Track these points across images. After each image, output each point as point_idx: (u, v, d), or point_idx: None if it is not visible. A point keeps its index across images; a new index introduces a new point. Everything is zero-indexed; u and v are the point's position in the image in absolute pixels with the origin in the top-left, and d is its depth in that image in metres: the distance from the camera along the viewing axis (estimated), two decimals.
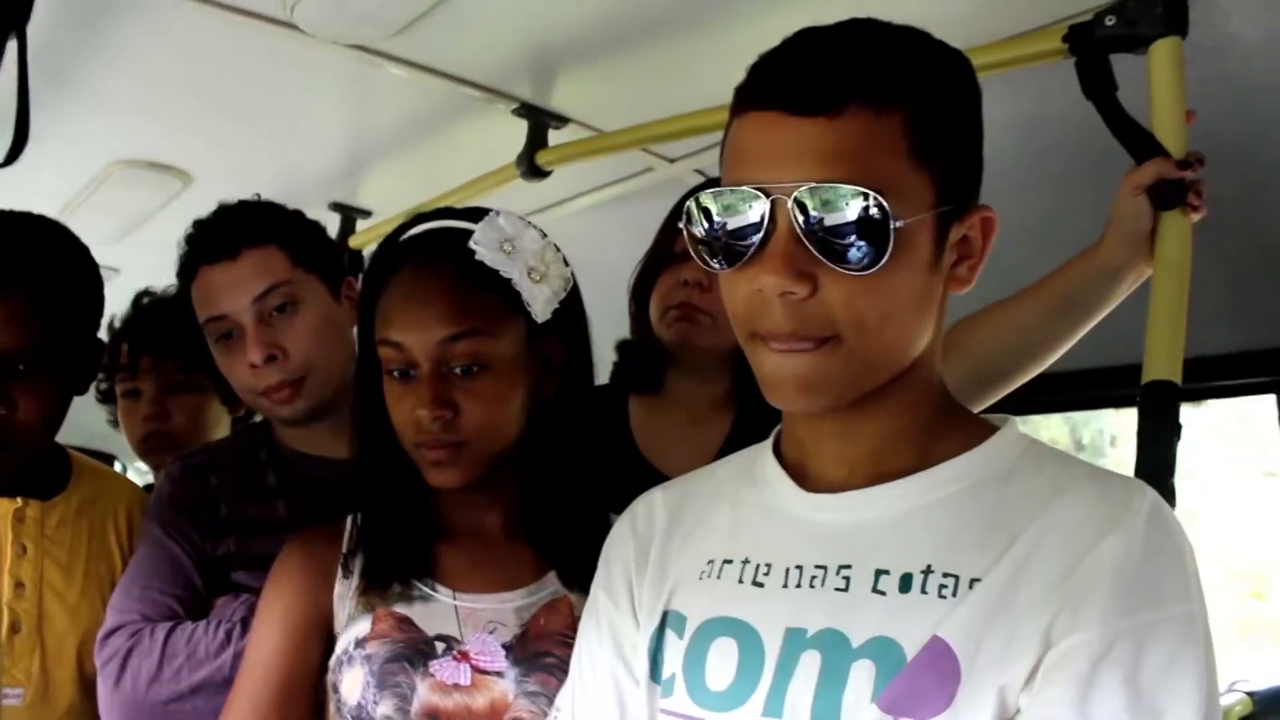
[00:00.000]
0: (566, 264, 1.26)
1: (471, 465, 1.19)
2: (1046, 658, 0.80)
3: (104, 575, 1.53)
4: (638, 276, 1.68)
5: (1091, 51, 1.31)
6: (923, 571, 0.87)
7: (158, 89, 1.81)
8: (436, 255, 1.21)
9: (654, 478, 1.52)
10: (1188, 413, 1.22)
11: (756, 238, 0.85)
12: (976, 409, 1.28)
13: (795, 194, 0.82)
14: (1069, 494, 0.87)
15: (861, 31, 0.89)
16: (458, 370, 1.17)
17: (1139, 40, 1.27)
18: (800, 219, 0.82)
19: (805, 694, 0.87)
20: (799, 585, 0.92)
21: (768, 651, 0.91)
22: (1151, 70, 1.27)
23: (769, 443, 1.05)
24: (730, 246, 0.87)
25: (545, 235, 1.25)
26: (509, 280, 1.19)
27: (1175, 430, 1.19)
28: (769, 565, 0.96)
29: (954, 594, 0.85)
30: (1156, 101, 1.26)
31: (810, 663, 0.88)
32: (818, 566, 0.92)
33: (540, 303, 1.21)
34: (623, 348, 1.68)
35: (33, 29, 1.37)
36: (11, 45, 1.34)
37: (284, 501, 1.54)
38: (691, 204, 0.89)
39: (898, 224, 0.82)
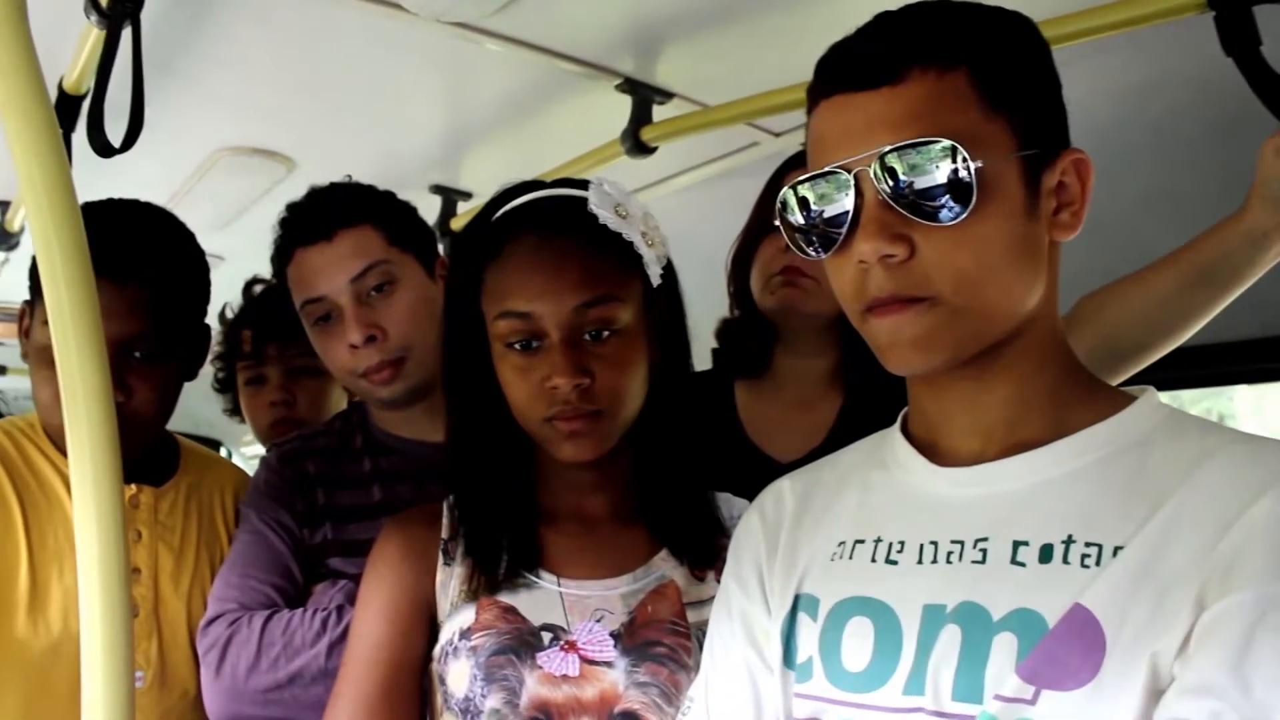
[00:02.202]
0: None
1: (608, 435, 1.17)
2: (1199, 623, 0.77)
3: (214, 559, 1.55)
4: (736, 252, 1.64)
5: (1233, 3, 1.22)
6: (1064, 541, 0.85)
7: (261, 76, 1.81)
8: (557, 222, 1.18)
9: (764, 464, 1.49)
10: None
11: (848, 216, 0.88)
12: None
13: (874, 162, 0.85)
14: (1217, 458, 0.84)
15: (917, 7, 0.92)
16: (588, 336, 1.15)
17: None
18: (884, 184, 0.86)
19: (947, 670, 0.86)
20: (934, 561, 0.91)
21: (905, 629, 0.90)
22: None
23: (896, 425, 1.04)
24: (826, 233, 0.90)
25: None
26: (629, 244, 1.18)
27: None
28: (902, 543, 0.94)
29: (1097, 563, 0.83)
30: None
31: (950, 638, 0.87)
32: (953, 541, 0.91)
33: (654, 265, 1.19)
34: (724, 328, 1.64)
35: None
36: (125, 34, 1.35)
37: (379, 487, 1.53)
38: (786, 194, 0.93)
39: (977, 164, 0.84)
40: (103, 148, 1.32)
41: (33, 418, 1.52)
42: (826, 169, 0.89)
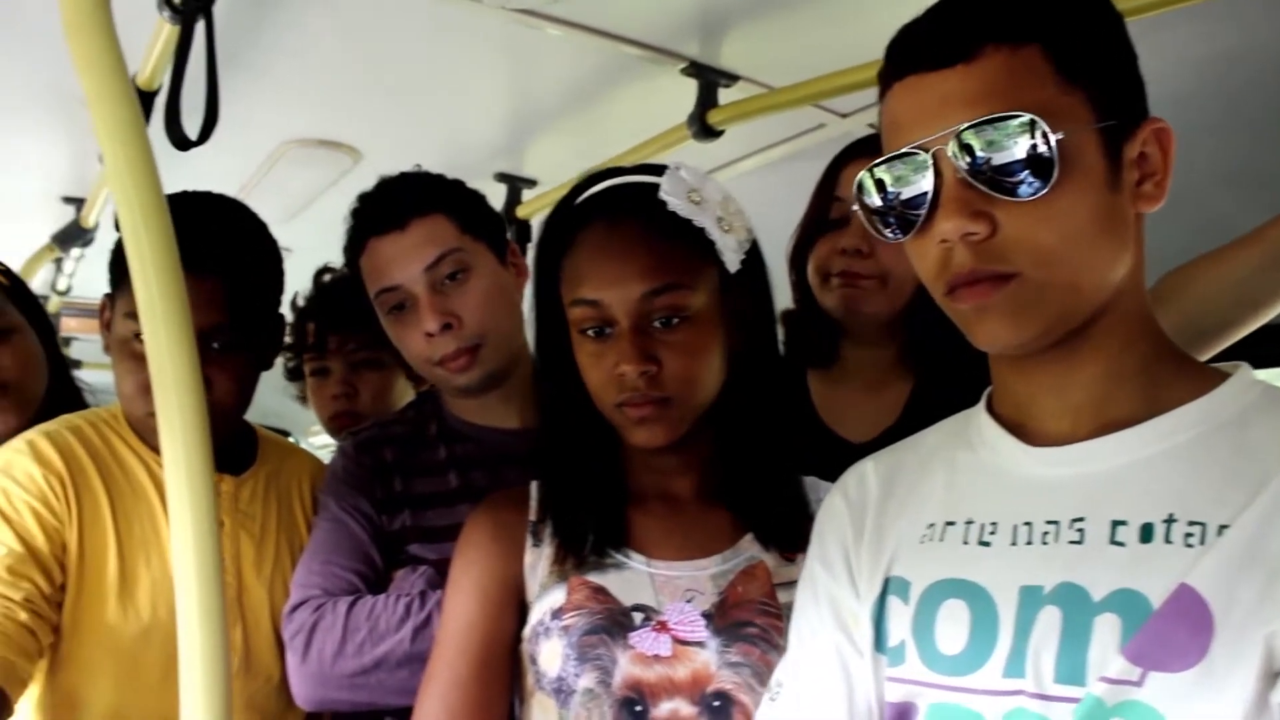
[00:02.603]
0: (744, 215, 1.23)
1: (677, 421, 1.17)
2: None
3: (294, 546, 1.56)
4: (796, 244, 1.62)
5: None
6: (1165, 520, 0.84)
7: (328, 67, 1.83)
8: (627, 210, 1.19)
9: (838, 446, 1.48)
10: None
11: (927, 197, 0.87)
12: None
13: (951, 140, 0.85)
14: None
15: None
16: (657, 324, 1.15)
17: None
18: (963, 162, 0.85)
19: (1048, 652, 0.84)
20: (1029, 542, 0.90)
21: (1002, 611, 0.89)
22: None
23: (981, 406, 1.02)
24: (905, 215, 0.90)
25: (722, 186, 1.23)
26: (701, 230, 1.17)
27: None
28: (994, 524, 0.93)
29: (1201, 542, 0.81)
30: None
31: (1049, 619, 0.85)
32: (1049, 522, 0.89)
33: (731, 251, 1.19)
34: (789, 320, 1.63)
35: None
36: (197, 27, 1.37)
37: (456, 474, 1.54)
38: (863, 177, 0.93)
39: (1057, 136, 0.82)
40: (179, 141, 1.34)
41: (115, 409, 1.54)
42: (903, 150, 0.89)
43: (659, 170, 1.22)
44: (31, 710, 1.39)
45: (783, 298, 1.65)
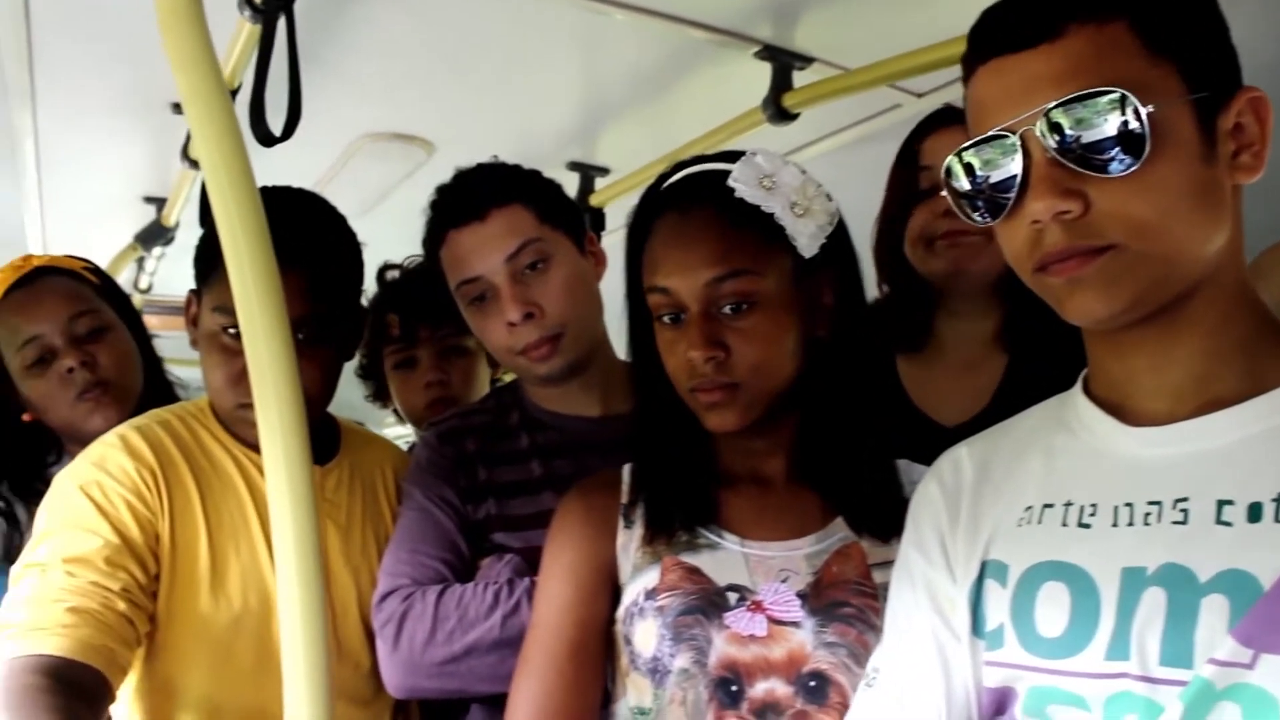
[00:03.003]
0: (830, 199, 1.22)
1: (747, 407, 1.18)
2: None
3: (379, 535, 1.58)
4: (883, 220, 1.60)
5: None
6: (1274, 500, 0.81)
7: (402, 61, 1.84)
8: (695, 198, 1.20)
9: (930, 429, 1.46)
10: None
11: (1016, 179, 0.86)
12: None
13: (1039, 120, 0.84)
14: None
15: None
16: (727, 310, 1.16)
17: None
18: (1051, 141, 0.84)
19: (1152, 634, 0.83)
20: (1130, 523, 0.88)
21: (1104, 593, 0.87)
22: None
23: (1077, 388, 1.00)
24: (994, 198, 0.89)
25: (805, 171, 1.22)
26: (771, 216, 1.17)
27: None
28: (1094, 506, 0.92)
29: None
30: None
31: (1154, 601, 0.84)
32: (1150, 503, 0.88)
33: (805, 237, 1.18)
34: (880, 306, 1.60)
35: None
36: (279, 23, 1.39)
37: (539, 462, 1.55)
38: (951, 162, 0.92)
39: (1148, 109, 0.82)
40: (264, 137, 1.36)
41: (202, 402, 1.57)
42: (990, 133, 0.88)
43: (739, 157, 1.22)
44: (130, 697, 1.42)
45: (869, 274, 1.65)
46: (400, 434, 3.24)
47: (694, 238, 1.17)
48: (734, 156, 1.22)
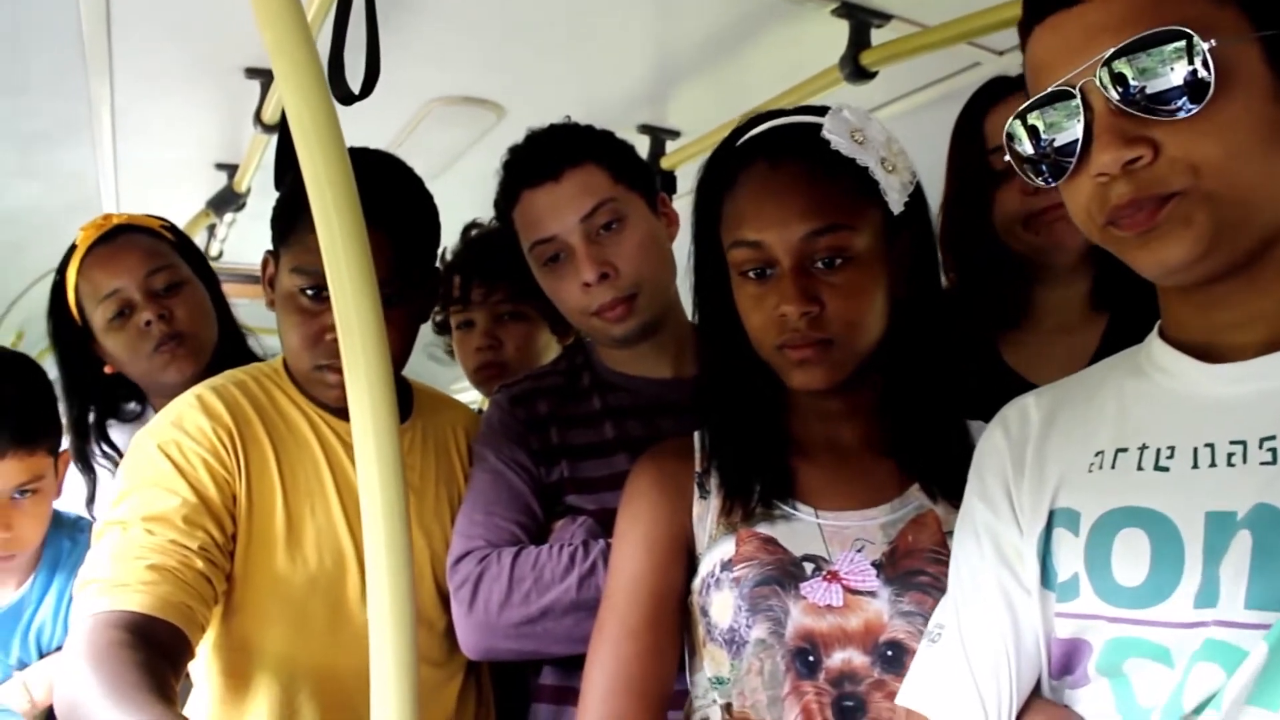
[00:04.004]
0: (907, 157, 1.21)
1: (838, 365, 1.16)
2: None
3: (452, 496, 1.58)
4: (955, 210, 1.56)
5: None
6: None
7: (472, 25, 1.84)
8: (789, 150, 1.17)
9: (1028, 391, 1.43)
10: None
11: (1079, 135, 0.84)
12: None
13: (1099, 70, 0.82)
14: None
15: None
16: (820, 264, 1.14)
17: None
18: (1114, 91, 0.82)
19: (1240, 579, 0.80)
20: (1213, 464, 0.85)
21: (1187, 538, 0.84)
22: None
23: (1151, 336, 0.97)
24: (1058, 160, 0.87)
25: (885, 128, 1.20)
26: (864, 170, 1.15)
27: None
28: (1171, 448, 0.89)
29: None
30: None
31: (1243, 545, 0.81)
32: (1234, 442, 0.85)
33: (895, 192, 1.16)
34: (969, 283, 1.57)
35: None
36: None
37: (611, 424, 1.54)
38: (1013, 125, 0.90)
39: (1209, 44, 0.79)
40: (344, 95, 1.36)
41: (276, 363, 1.58)
42: (1050, 90, 0.86)
43: (820, 112, 1.20)
44: (208, 654, 1.44)
45: None
46: (474, 399, 3.26)
47: (788, 190, 1.15)
48: (814, 111, 1.20)
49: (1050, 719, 0.95)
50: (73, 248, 1.94)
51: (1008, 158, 0.93)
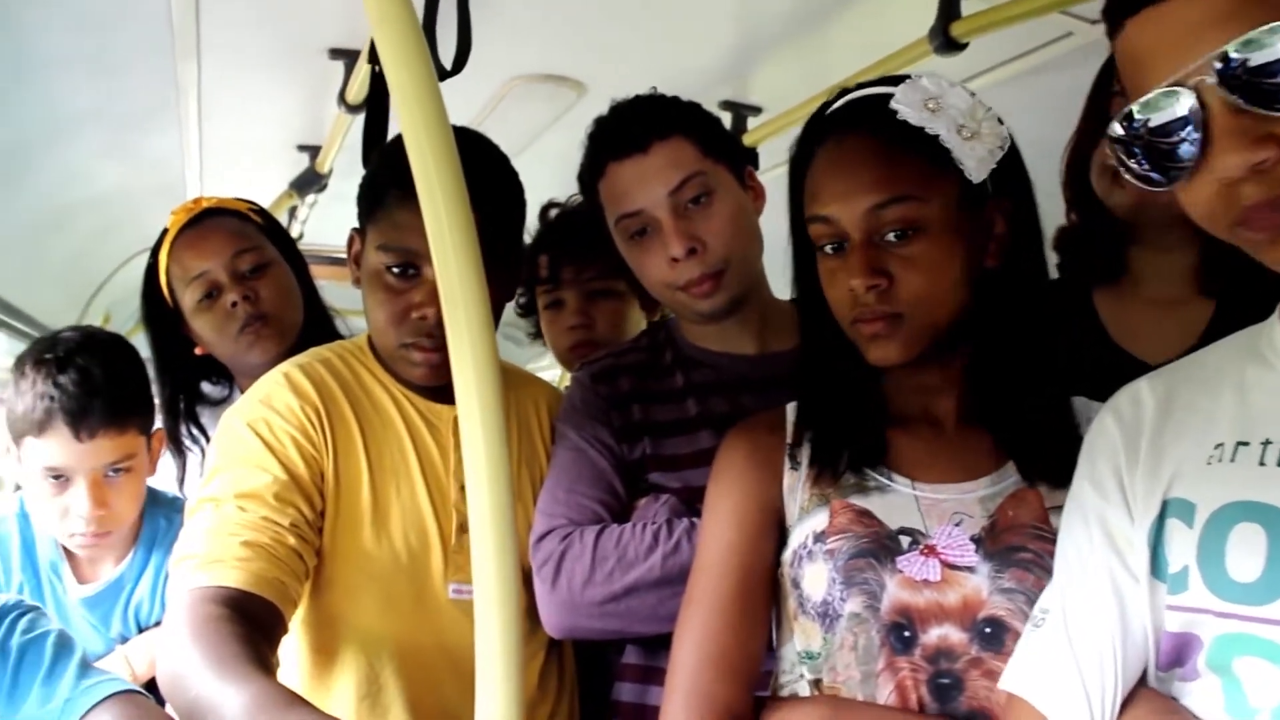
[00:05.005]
0: (1001, 123, 1.16)
1: (911, 339, 1.13)
2: None
3: (534, 474, 1.57)
4: (1072, 153, 1.51)
5: None
6: None
7: (553, 2, 1.83)
8: (854, 123, 1.16)
9: (1133, 367, 1.38)
10: None
11: (1195, 136, 0.80)
12: None
13: (1212, 68, 0.77)
14: None
15: None
16: (890, 237, 1.12)
17: None
18: (1231, 90, 0.77)
19: None
20: None
21: None
22: None
23: (1273, 319, 0.94)
24: (1172, 162, 0.83)
25: (974, 95, 1.16)
26: (936, 139, 1.12)
27: None
28: None
29: None
30: None
31: None
32: None
33: (973, 161, 1.12)
34: (1067, 235, 1.53)
35: None
36: None
37: (694, 401, 1.52)
38: (1115, 128, 0.86)
39: None
40: (436, 72, 1.35)
41: (360, 341, 1.59)
42: (1156, 92, 0.81)
43: (898, 83, 1.17)
44: (298, 629, 1.46)
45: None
46: (554, 378, 3.26)
47: (853, 163, 1.13)
48: (898, 81, 1.17)
49: (1156, 710, 0.93)
50: (165, 231, 1.98)
51: (1113, 162, 0.89)
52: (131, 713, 1.12)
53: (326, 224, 3.06)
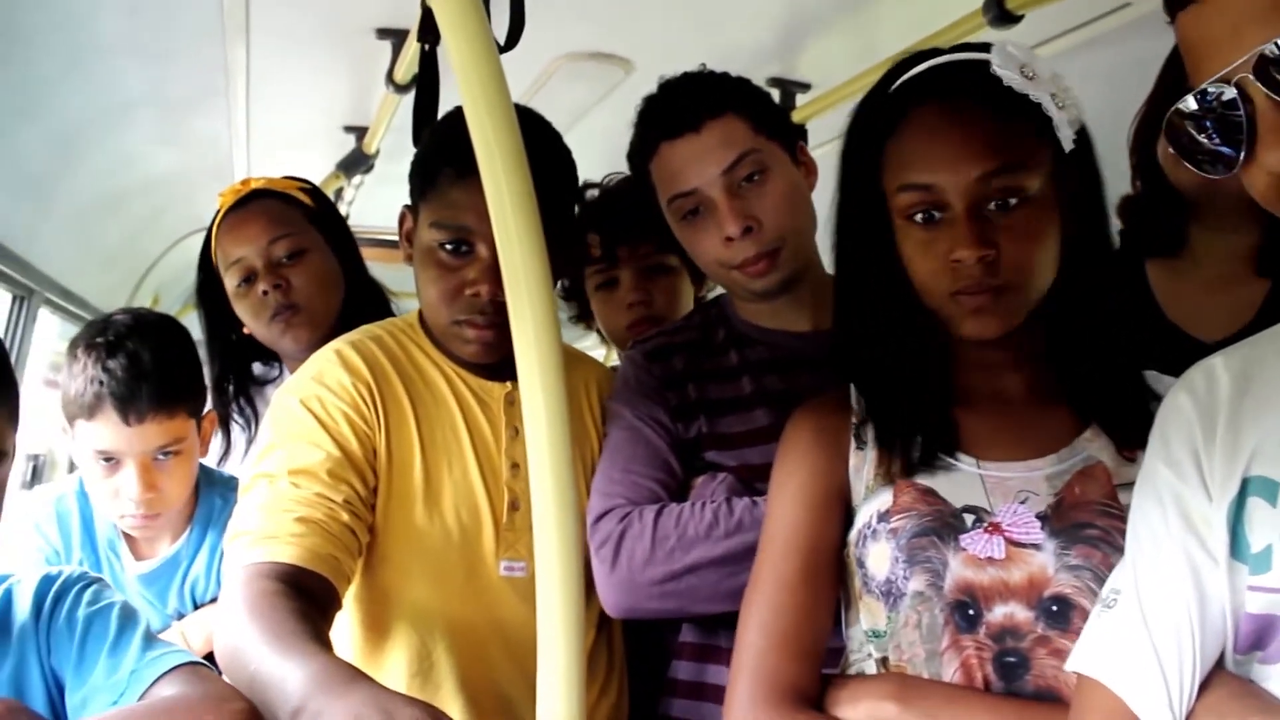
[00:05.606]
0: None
1: (1012, 311, 1.12)
2: None
3: (585, 453, 1.56)
4: (1140, 123, 1.49)
5: None
6: None
7: None
8: (959, 88, 1.13)
9: (1186, 344, 1.37)
10: None
11: (1242, 131, 0.79)
12: None
13: (1256, 62, 0.76)
14: None
15: None
16: (994, 207, 1.10)
17: None
18: (1272, 87, 0.76)
19: None
20: None
21: None
22: None
23: None
24: (1220, 154, 0.83)
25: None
26: (1036, 107, 1.10)
27: None
28: None
29: None
30: None
31: None
32: None
33: (1067, 128, 1.11)
34: (1130, 205, 1.50)
35: None
36: None
37: (749, 379, 1.51)
38: (1171, 118, 0.85)
39: None
40: None
41: (411, 318, 1.59)
42: (1202, 87, 0.81)
43: (976, 50, 1.15)
44: (351, 605, 1.46)
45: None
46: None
47: (961, 130, 1.11)
48: (974, 49, 1.15)
49: (1235, 693, 0.91)
50: (218, 212, 1.99)
51: (1171, 149, 0.88)
52: (197, 684, 1.13)
53: (372, 205, 3.08)
